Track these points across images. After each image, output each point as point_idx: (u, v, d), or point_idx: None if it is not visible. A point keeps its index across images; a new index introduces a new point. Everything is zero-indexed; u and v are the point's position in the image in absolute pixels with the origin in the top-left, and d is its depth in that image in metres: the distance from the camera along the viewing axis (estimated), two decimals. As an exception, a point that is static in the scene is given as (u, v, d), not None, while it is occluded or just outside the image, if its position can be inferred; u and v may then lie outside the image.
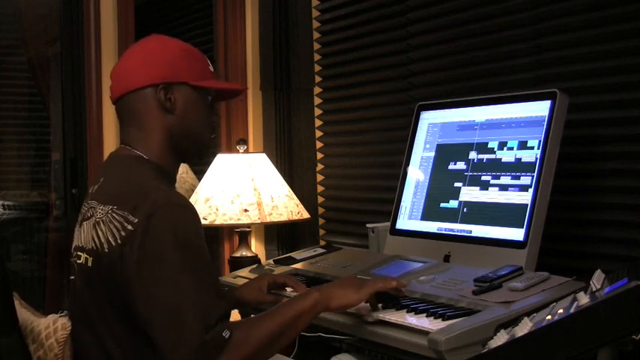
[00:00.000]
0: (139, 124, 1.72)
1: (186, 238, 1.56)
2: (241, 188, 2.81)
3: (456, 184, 2.18)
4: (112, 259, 1.56)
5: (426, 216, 2.25)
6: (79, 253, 1.67)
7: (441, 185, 2.24)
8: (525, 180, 1.99)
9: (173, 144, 1.73)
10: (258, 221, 2.78)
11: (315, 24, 3.13)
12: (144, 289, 1.53)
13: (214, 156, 2.97)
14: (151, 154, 1.71)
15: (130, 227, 1.55)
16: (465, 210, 2.13)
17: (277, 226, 3.11)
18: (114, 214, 1.59)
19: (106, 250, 1.57)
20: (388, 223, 2.36)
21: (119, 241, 1.55)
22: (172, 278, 1.53)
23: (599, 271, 1.40)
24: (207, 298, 1.55)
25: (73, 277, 1.72)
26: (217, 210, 2.78)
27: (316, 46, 3.14)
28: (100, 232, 1.60)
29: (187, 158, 1.82)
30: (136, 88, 1.71)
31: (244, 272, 2.40)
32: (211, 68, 1.81)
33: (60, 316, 1.66)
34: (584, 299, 1.26)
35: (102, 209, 1.62)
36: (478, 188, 2.12)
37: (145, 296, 1.53)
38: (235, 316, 2.65)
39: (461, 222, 2.13)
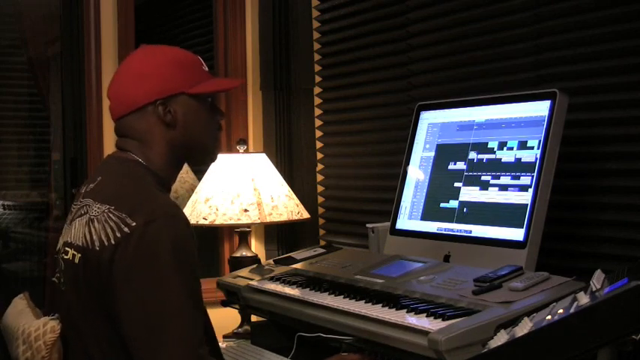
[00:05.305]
0: (140, 139, 1.71)
1: (182, 251, 1.54)
2: (241, 188, 2.81)
3: (456, 184, 2.18)
4: (101, 259, 1.54)
5: (425, 216, 2.25)
6: (66, 248, 1.65)
7: (440, 185, 2.24)
8: (525, 180, 1.99)
9: (175, 156, 1.72)
10: (258, 221, 2.78)
11: (315, 24, 3.13)
12: (130, 293, 1.51)
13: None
14: (149, 163, 1.70)
15: (126, 229, 1.53)
16: (464, 210, 2.13)
17: (277, 226, 3.11)
18: (110, 214, 1.57)
19: (97, 249, 1.55)
20: (388, 223, 2.36)
21: (112, 242, 1.53)
22: (161, 286, 1.50)
23: (599, 271, 1.40)
24: (193, 312, 1.53)
25: (57, 275, 1.70)
26: (217, 210, 2.78)
27: (316, 46, 3.14)
28: (92, 230, 1.58)
29: (193, 163, 1.80)
30: (135, 108, 1.69)
31: (244, 272, 2.40)
32: (205, 67, 1.77)
33: (51, 319, 1.65)
34: (584, 299, 1.26)
35: (98, 208, 1.61)
36: (478, 188, 2.12)
37: (130, 300, 1.51)
38: (235, 314, 2.65)
39: (461, 222, 2.13)
